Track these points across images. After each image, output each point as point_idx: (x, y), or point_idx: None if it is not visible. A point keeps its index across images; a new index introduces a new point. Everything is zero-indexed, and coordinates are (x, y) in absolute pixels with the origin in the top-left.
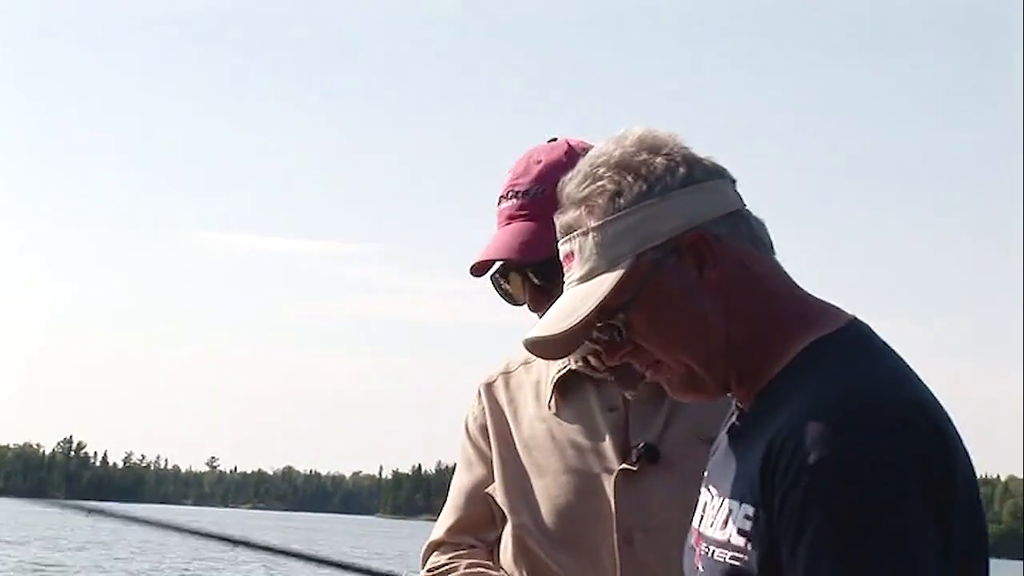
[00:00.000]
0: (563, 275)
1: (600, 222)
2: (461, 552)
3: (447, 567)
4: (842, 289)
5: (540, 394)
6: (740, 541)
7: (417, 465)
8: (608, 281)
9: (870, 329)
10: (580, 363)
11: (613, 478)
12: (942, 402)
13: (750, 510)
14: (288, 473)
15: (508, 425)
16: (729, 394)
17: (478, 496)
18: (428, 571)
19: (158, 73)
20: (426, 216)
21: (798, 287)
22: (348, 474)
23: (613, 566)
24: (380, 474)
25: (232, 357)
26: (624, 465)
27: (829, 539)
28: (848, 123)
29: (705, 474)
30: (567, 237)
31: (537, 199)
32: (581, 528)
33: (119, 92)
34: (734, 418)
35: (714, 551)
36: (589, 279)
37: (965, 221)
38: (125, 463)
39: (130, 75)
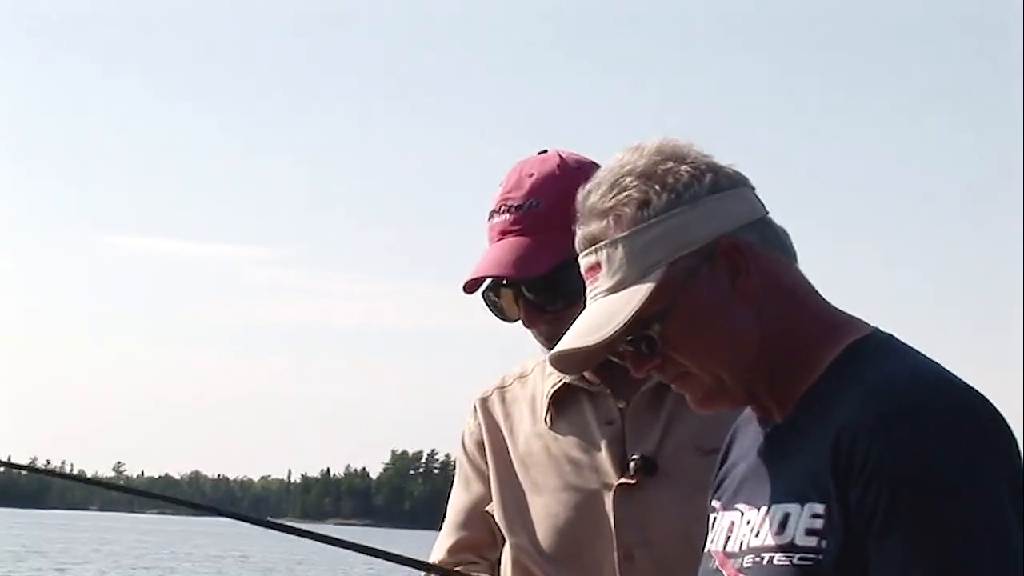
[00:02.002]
0: (557, 291)
1: (629, 232)
2: (463, 569)
3: None
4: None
5: (536, 409)
6: (810, 541)
7: (326, 469)
8: (642, 291)
9: (896, 337)
10: (575, 377)
11: (611, 494)
12: None
13: (819, 508)
14: (196, 478)
15: (504, 441)
16: (751, 405)
17: (477, 515)
18: None
19: (66, 74)
20: (339, 218)
21: (821, 296)
22: (256, 478)
23: None
24: (289, 478)
25: (140, 361)
26: (622, 479)
27: (924, 524)
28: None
29: (719, 499)
30: (592, 248)
31: (531, 213)
32: (581, 546)
33: (26, 93)
34: (762, 429)
35: (771, 557)
36: (619, 290)
37: (963, 223)
38: (31, 468)
39: (37, 76)
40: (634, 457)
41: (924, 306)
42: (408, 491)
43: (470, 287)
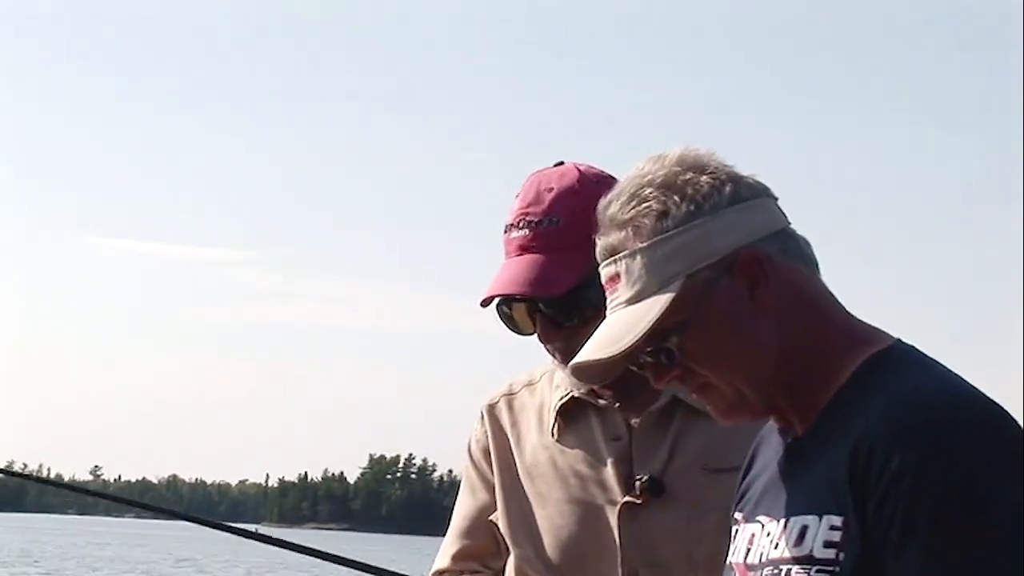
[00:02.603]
0: (574, 308)
1: (648, 243)
2: None
3: None
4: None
5: (543, 419)
6: (828, 553)
7: (303, 473)
8: (661, 302)
9: (917, 349)
10: (583, 390)
11: (617, 511)
12: None
13: (836, 520)
14: (173, 482)
15: (511, 450)
16: (772, 416)
17: (482, 523)
18: None
19: (53, 76)
20: (319, 222)
21: (843, 307)
22: (234, 482)
23: None
24: (266, 482)
25: (119, 364)
26: (628, 498)
27: (943, 535)
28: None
29: (741, 511)
30: (612, 259)
31: (550, 230)
32: (585, 561)
33: (12, 94)
34: (783, 441)
35: (789, 569)
36: (638, 301)
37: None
38: (6, 472)
39: (23, 78)
40: (640, 477)
41: (923, 309)
42: (386, 495)
43: (487, 302)
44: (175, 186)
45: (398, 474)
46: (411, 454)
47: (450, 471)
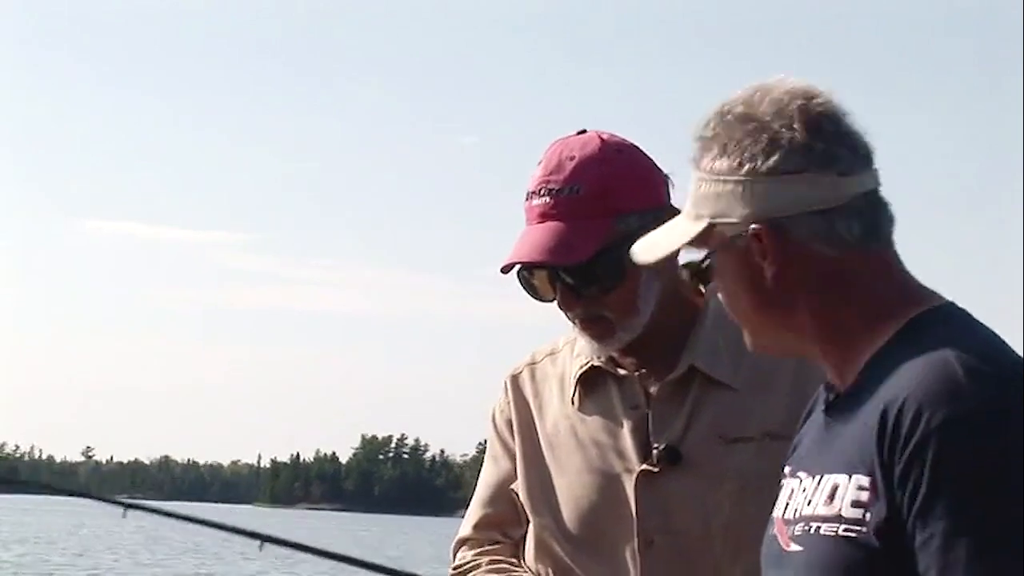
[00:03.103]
0: (594, 277)
1: (701, 175)
2: (487, 549)
3: (471, 564)
4: None
5: (564, 388)
6: (855, 512)
7: (296, 454)
8: (688, 231)
9: (967, 311)
10: (603, 359)
11: (634, 480)
12: None
13: (864, 480)
14: (165, 463)
15: (533, 420)
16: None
17: (504, 492)
18: (454, 568)
19: (40, 59)
20: (310, 205)
21: (895, 273)
22: (226, 463)
23: (634, 569)
24: (258, 463)
25: (110, 345)
26: (644, 466)
27: (965, 498)
28: None
29: (789, 466)
30: (694, 168)
31: (572, 198)
32: (602, 530)
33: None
34: (824, 398)
35: (819, 527)
36: (683, 216)
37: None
38: None
39: (10, 62)
40: (657, 446)
41: None
42: (378, 476)
43: (507, 269)
44: (166, 169)
45: (390, 454)
46: (403, 434)
47: (442, 451)
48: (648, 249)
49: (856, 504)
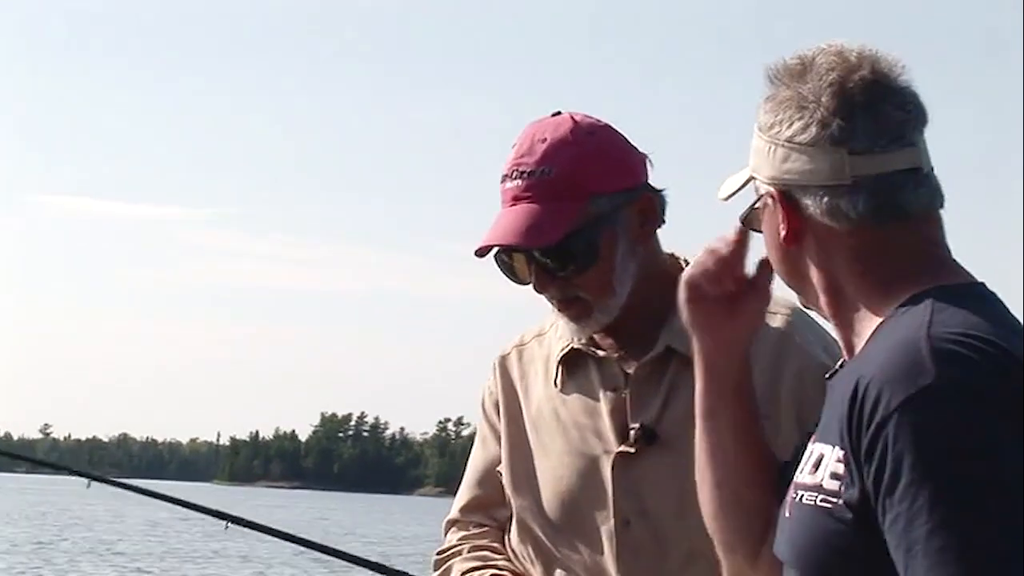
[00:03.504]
0: (568, 258)
1: (755, 125)
2: (471, 533)
3: (455, 549)
4: None
5: (549, 370)
6: (833, 484)
7: (255, 431)
8: (740, 177)
9: (989, 291)
10: (583, 341)
11: (611, 461)
12: None
13: (840, 453)
14: (124, 440)
15: (519, 402)
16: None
17: (491, 474)
18: (438, 553)
19: None
20: (270, 181)
21: (912, 249)
22: (185, 441)
23: (611, 549)
24: (217, 441)
25: (67, 322)
26: (622, 448)
27: (922, 477)
28: None
29: (812, 433)
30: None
31: (543, 180)
32: (580, 511)
33: None
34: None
35: (803, 495)
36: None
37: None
38: None
39: None
40: (634, 426)
41: None
42: (337, 453)
43: (482, 252)
44: (123, 144)
45: (350, 432)
46: (363, 412)
47: (402, 429)
48: (723, 189)
49: (834, 476)
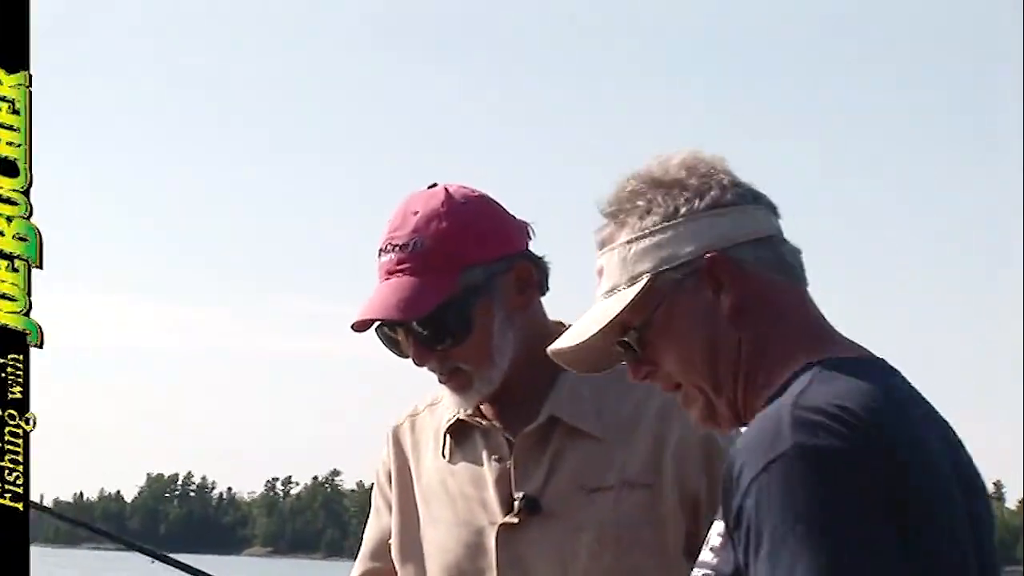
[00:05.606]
0: (444, 330)
1: (627, 239)
2: None
3: None
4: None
5: (438, 440)
6: (713, 559)
7: (79, 492)
8: (625, 298)
9: (884, 365)
10: (468, 412)
11: (495, 532)
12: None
13: (720, 527)
14: None
15: (410, 472)
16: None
17: (384, 546)
18: None
19: None
20: (82, 235)
21: (821, 321)
22: None
23: None
24: (41, 502)
25: None
26: (505, 519)
27: (777, 545)
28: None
29: None
30: (600, 252)
31: (416, 252)
32: None
33: None
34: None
35: (699, 572)
36: (611, 295)
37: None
38: None
39: None
40: (518, 496)
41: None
42: (164, 513)
43: (359, 326)
44: None
45: (176, 492)
46: (190, 472)
47: (229, 489)
48: (579, 334)
49: (713, 550)
